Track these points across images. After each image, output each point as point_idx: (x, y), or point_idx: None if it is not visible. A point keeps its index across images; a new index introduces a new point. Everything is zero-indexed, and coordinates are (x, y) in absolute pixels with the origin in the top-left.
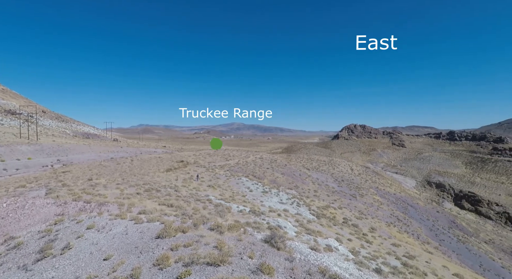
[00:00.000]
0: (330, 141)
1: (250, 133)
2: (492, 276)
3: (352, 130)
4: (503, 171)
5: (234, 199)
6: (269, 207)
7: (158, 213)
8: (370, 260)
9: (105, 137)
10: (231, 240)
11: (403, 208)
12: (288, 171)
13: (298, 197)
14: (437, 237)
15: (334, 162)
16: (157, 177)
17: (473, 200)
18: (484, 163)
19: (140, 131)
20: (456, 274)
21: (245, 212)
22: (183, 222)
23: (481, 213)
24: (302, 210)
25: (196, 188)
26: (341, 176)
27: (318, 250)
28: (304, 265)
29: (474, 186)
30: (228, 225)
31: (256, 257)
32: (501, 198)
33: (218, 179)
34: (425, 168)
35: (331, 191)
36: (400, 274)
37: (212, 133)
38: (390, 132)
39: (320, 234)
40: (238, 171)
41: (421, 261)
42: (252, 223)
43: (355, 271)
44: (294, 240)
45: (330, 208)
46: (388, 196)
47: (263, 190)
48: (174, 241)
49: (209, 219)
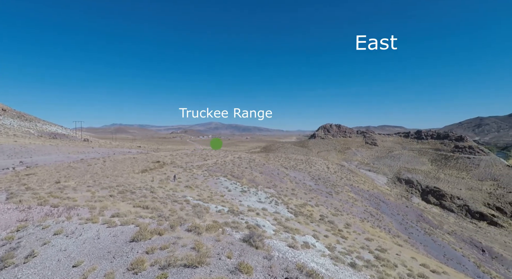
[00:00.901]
0: (307, 140)
1: (228, 132)
2: (454, 264)
3: (328, 130)
4: (463, 167)
5: (212, 199)
6: (248, 206)
7: (132, 215)
8: (345, 255)
9: (75, 137)
10: (209, 240)
11: (376, 204)
12: (266, 170)
13: (277, 196)
14: (406, 231)
15: (311, 161)
16: (132, 179)
17: (438, 194)
18: (447, 160)
19: (113, 130)
20: (423, 264)
21: (223, 212)
22: (160, 224)
23: (445, 206)
24: (280, 209)
25: (173, 189)
26: (317, 174)
27: (296, 247)
28: (282, 263)
29: (439, 182)
30: (206, 225)
31: (234, 257)
32: (461, 192)
33: (196, 179)
34: (396, 165)
35: (308, 189)
36: (373, 267)
37: (189, 132)
38: (364, 132)
39: (298, 231)
40: (217, 171)
41: (392, 253)
42: (231, 223)
43: (331, 266)
44: (273, 238)
45: (308, 205)
46: (362, 193)
47: (242, 189)
48: (150, 244)
49: (186, 220)
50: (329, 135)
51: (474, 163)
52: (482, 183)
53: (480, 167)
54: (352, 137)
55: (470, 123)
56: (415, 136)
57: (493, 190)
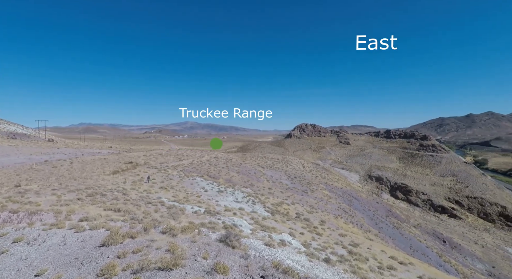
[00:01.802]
0: (284, 139)
1: (204, 132)
2: (419, 255)
3: (303, 129)
4: (427, 164)
5: (188, 200)
6: (225, 206)
7: (103, 219)
8: (320, 251)
9: (38, 138)
10: (184, 242)
11: (349, 201)
12: (243, 170)
13: (254, 195)
14: (376, 225)
15: (287, 160)
16: (102, 180)
17: (405, 190)
18: (413, 158)
19: (82, 130)
20: (392, 257)
21: (200, 212)
22: (132, 227)
23: (411, 201)
24: (257, 208)
25: (147, 191)
26: (293, 173)
27: (273, 245)
28: (258, 261)
29: (406, 178)
30: (182, 227)
31: (210, 258)
32: (426, 188)
33: (171, 180)
34: (367, 163)
35: (285, 188)
36: (346, 262)
37: (164, 132)
38: (337, 131)
39: (275, 230)
40: (193, 171)
41: (364, 248)
42: (207, 223)
43: (306, 263)
44: (249, 237)
45: (284, 204)
46: (336, 191)
47: (219, 189)
48: (122, 248)
49: (161, 222)
50: (305, 134)
51: (437, 161)
52: (443, 179)
53: (442, 164)
54: (326, 136)
55: (433, 123)
56: (384, 136)
57: (452, 185)
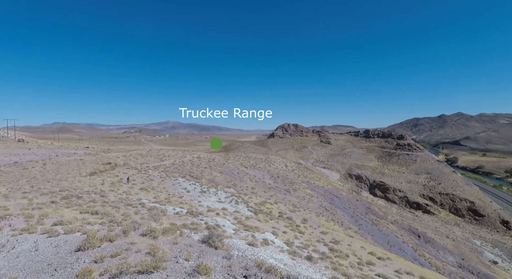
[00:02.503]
0: (266, 139)
1: (186, 132)
2: (396, 250)
3: (286, 129)
4: (404, 162)
5: (170, 201)
6: (208, 206)
7: (79, 222)
8: (302, 249)
9: (6, 138)
10: (166, 244)
11: (330, 199)
12: (226, 170)
13: (237, 195)
14: (356, 222)
15: (270, 160)
16: (78, 182)
17: (383, 188)
18: (390, 157)
19: (56, 130)
20: (371, 253)
21: (182, 213)
22: (111, 230)
23: (389, 198)
24: (240, 208)
25: (127, 192)
26: (276, 172)
27: (256, 245)
28: (241, 261)
29: (384, 176)
30: (163, 228)
31: (193, 259)
32: (402, 185)
33: (152, 181)
34: (347, 162)
35: (268, 187)
36: (327, 259)
37: (144, 132)
38: (319, 131)
39: (258, 229)
40: (174, 171)
41: (344, 244)
42: (190, 224)
43: (289, 261)
44: (233, 237)
45: (267, 203)
46: (318, 189)
47: (201, 190)
48: (99, 252)
49: (141, 225)
50: (287, 134)
51: (412, 159)
52: (418, 177)
53: (417, 162)
54: (308, 136)
55: (409, 123)
56: (364, 135)
57: (426, 182)
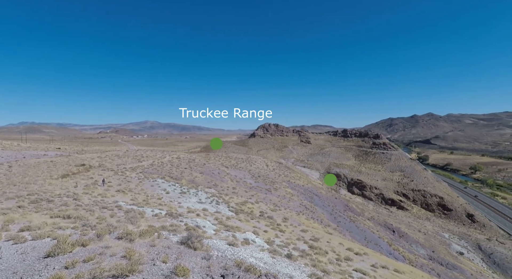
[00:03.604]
0: (247, 139)
1: (165, 132)
2: (372, 245)
3: (267, 129)
4: (379, 161)
5: (148, 203)
6: (188, 207)
7: (49, 227)
8: (283, 247)
9: None
10: (143, 246)
11: (310, 198)
12: (207, 170)
13: (217, 195)
14: (335, 220)
15: (251, 159)
16: (49, 185)
17: (360, 186)
18: (367, 155)
19: (23, 130)
20: (349, 249)
21: (161, 215)
22: (84, 234)
23: (366, 196)
24: (221, 208)
25: (102, 195)
26: (257, 172)
27: (236, 245)
28: (221, 261)
29: (361, 175)
30: (140, 231)
31: (170, 261)
32: (378, 183)
33: (130, 182)
34: (326, 161)
35: (249, 187)
36: (307, 256)
37: (121, 132)
38: (299, 131)
39: (239, 229)
40: (153, 172)
41: (324, 242)
42: (169, 226)
43: (269, 260)
44: (213, 238)
45: (248, 203)
46: (298, 188)
47: (181, 190)
48: (71, 257)
49: (117, 228)
50: (268, 134)
51: (387, 158)
52: (393, 174)
53: (391, 160)
54: (288, 136)
55: (384, 123)
56: (342, 135)
57: (400, 179)
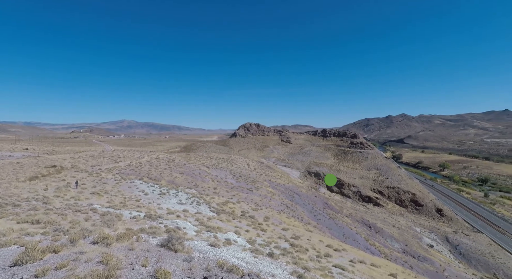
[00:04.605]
0: (229, 139)
1: (144, 131)
2: (351, 241)
3: (248, 129)
4: (357, 159)
5: (126, 205)
6: (168, 209)
7: (15, 234)
8: (264, 246)
9: None
10: (120, 251)
11: (291, 196)
12: (187, 170)
13: (198, 196)
14: (315, 217)
15: (232, 159)
16: (15, 189)
17: (339, 184)
18: (345, 154)
19: None
20: (328, 245)
21: (139, 217)
22: (55, 239)
23: (344, 193)
24: (202, 208)
25: (76, 197)
26: (239, 172)
27: (218, 245)
28: (203, 263)
29: (340, 173)
30: (118, 234)
31: (150, 264)
32: (356, 181)
33: (105, 184)
34: (306, 160)
35: (230, 187)
36: (288, 254)
37: (96, 131)
38: (280, 130)
39: (220, 229)
40: (131, 173)
41: (304, 239)
42: (148, 228)
43: (251, 259)
44: (194, 239)
45: (229, 203)
46: (279, 187)
47: (161, 192)
48: (41, 265)
49: (92, 232)
50: (249, 133)
51: (364, 156)
52: (369, 172)
53: (368, 159)
54: (270, 135)
55: (361, 123)
56: (321, 134)
57: (376, 177)
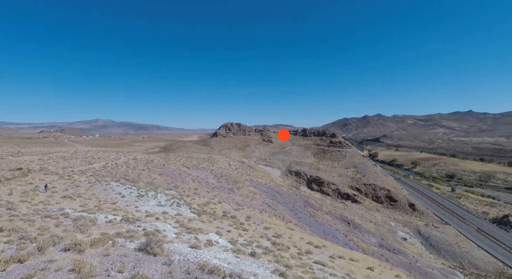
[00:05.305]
0: (209, 138)
1: (120, 131)
2: (330, 238)
3: (229, 128)
4: (336, 158)
5: (101, 209)
6: (146, 211)
7: None
8: (246, 246)
9: None
10: (95, 257)
11: (272, 195)
12: (166, 171)
13: (178, 197)
14: (296, 215)
15: (213, 159)
16: None
17: (319, 182)
18: (325, 153)
19: None
20: (309, 242)
21: (115, 221)
22: (21, 248)
23: (324, 191)
24: (182, 210)
25: (45, 202)
26: (220, 172)
27: (199, 247)
28: (183, 266)
29: (319, 172)
30: (92, 240)
31: (127, 270)
32: (335, 179)
33: (78, 187)
34: (287, 159)
35: (211, 187)
36: (270, 253)
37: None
38: (261, 130)
39: (201, 230)
40: (106, 175)
41: (286, 237)
42: (125, 232)
43: (233, 259)
44: (174, 241)
45: (211, 203)
46: (261, 186)
47: (139, 194)
48: (4, 277)
49: (63, 238)
50: (230, 133)
51: (342, 155)
52: (347, 170)
53: (346, 158)
54: (251, 135)
55: (340, 122)
56: (302, 134)
57: (354, 175)
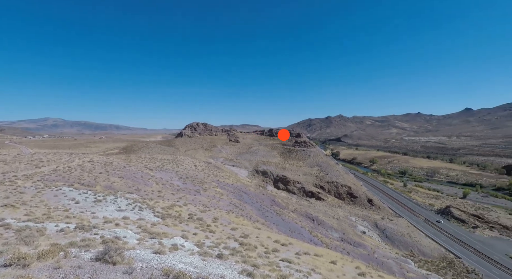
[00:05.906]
0: (174, 139)
1: (74, 131)
2: (296, 235)
3: (195, 128)
4: (301, 157)
5: (51, 217)
6: (104, 217)
7: None
8: (213, 248)
9: None
10: (43, 271)
11: (239, 196)
12: (127, 174)
13: (141, 201)
14: (263, 215)
15: (178, 160)
16: None
17: (285, 181)
18: (290, 153)
19: None
20: (276, 241)
21: (68, 230)
22: None
23: (289, 190)
24: (145, 214)
25: None
26: (185, 173)
27: (163, 252)
28: (146, 273)
29: (285, 171)
30: (39, 252)
31: None
32: (300, 177)
33: (23, 193)
34: (254, 159)
35: (176, 189)
36: (237, 253)
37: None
38: (228, 130)
39: (166, 235)
40: (57, 180)
41: (253, 237)
42: (79, 241)
43: (199, 263)
44: (136, 248)
45: (176, 206)
46: (228, 187)
47: (95, 199)
48: None
49: (2, 253)
50: (196, 133)
51: (307, 154)
52: (312, 169)
53: (311, 157)
54: (217, 135)
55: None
56: (268, 134)
57: (318, 173)
